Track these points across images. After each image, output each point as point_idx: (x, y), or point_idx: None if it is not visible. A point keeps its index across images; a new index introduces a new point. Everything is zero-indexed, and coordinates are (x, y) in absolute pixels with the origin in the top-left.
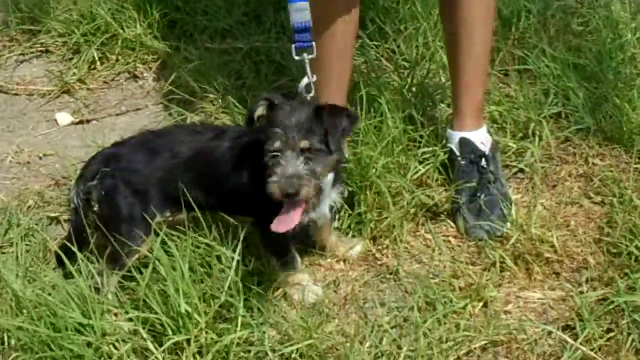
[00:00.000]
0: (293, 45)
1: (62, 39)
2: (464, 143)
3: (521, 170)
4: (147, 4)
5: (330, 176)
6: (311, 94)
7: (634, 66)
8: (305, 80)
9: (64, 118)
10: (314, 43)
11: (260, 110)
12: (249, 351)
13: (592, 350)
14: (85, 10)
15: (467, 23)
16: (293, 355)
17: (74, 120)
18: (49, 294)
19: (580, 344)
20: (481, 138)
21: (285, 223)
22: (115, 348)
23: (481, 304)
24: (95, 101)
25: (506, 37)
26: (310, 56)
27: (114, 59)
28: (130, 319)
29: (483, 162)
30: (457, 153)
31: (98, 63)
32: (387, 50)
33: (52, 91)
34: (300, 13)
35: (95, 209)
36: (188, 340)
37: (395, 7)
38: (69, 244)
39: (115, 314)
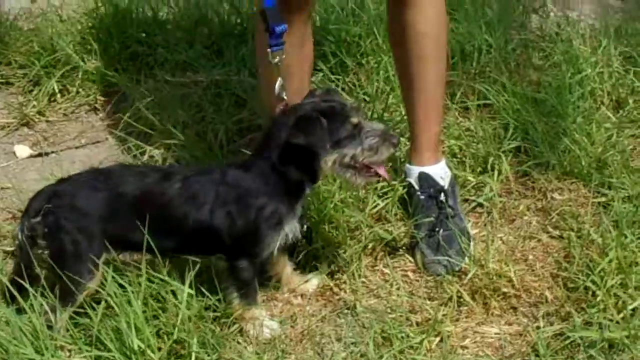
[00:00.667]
0: (269, 50)
1: (23, 70)
2: (423, 177)
3: (480, 205)
4: (109, 37)
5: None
6: (284, 94)
7: (593, 100)
8: (280, 80)
9: (22, 150)
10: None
11: None
12: None
13: None
14: (46, 43)
15: (419, 60)
16: None
17: (32, 152)
18: (1, 330)
19: None
20: (440, 172)
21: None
22: None
23: (438, 339)
24: (55, 134)
25: (467, 71)
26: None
27: (75, 91)
28: (84, 356)
29: (442, 197)
30: (416, 187)
31: (58, 95)
32: (348, 84)
33: (11, 123)
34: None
35: (41, 245)
36: None
37: (357, 41)
38: (18, 278)
39: (69, 351)
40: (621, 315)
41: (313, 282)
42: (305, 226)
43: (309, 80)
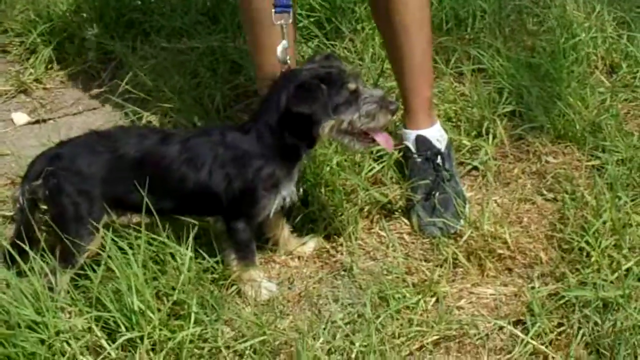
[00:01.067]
0: (273, 11)
1: (19, 38)
2: (420, 141)
3: (475, 168)
4: (105, 5)
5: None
6: (288, 58)
7: (587, 65)
8: (284, 44)
9: (20, 118)
10: (291, 9)
11: None
12: (203, 348)
13: (542, 344)
14: (42, 10)
15: (404, 28)
16: (247, 352)
17: (30, 119)
18: (2, 293)
19: (531, 338)
20: (436, 135)
21: (389, 142)
22: (69, 345)
23: (434, 299)
24: (52, 101)
25: (461, 36)
26: (290, 21)
27: (71, 59)
28: (84, 317)
29: (439, 160)
30: (414, 150)
31: (55, 63)
32: (344, 50)
33: (8, 91)
34: None
35: (41, 208)
36: (141, 338)
37: (352, 7)
38: (18, 242)
39: (69, 312)
40: (615, 275)
41: (310, 244)
42: (301, 190)
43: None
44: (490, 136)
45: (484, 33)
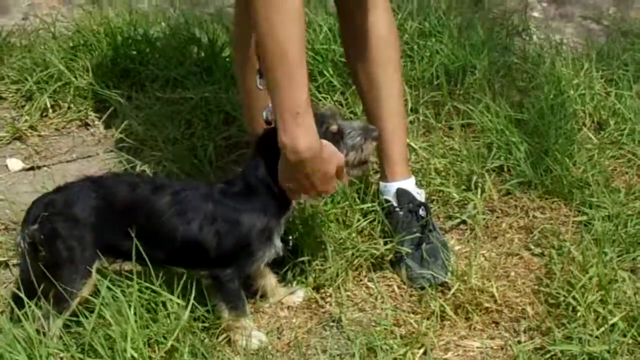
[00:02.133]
0: (257, 77)
1: (16, 86)
2: (401, 193)
3: (463, 222)
4: (100, 53)
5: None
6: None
7: (575, 121)
8: (269, 107)
9: (15, 164)
10: None
11: None
12: None
13: None
14: (39, 59)
15: (384, 68)
16: None
17: (24, 166)
18: None
19: None
20: (415, 187)
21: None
22: None
23: (421, 351)
24: (47, 148)
25: (452, 91)
26: None
27: (66, 106)
28: None
29: (421, 212)
30: (395, 204)
31: (50, 110)
32: (335, 103)
33: (3, 137)
34: None
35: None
36: None
37: (344, 61)
38: (17, 290)
39: (61, 358)
40: (601, 330)
41: (299, 294)
42: (291, 241)
43: None
44: (479, 190)
45: (473, 88)
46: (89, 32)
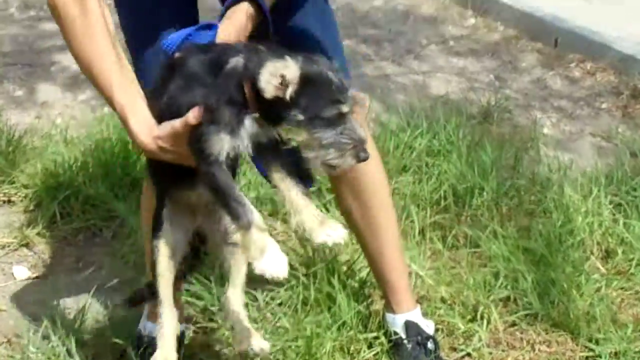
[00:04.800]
0: None
1: (25, 190)
2: (409, 326)
3: (468, 354)
4: (111, 162)
5: None
6: None
7: (582, 250)
8: None
9: (21, 272)
10: None
11: None
12: None
13: None
14: (50, 164)
15: (380, 210)
16: None
17: (31, 274)
18: None
19: None
20: (422, 319)
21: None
22: None
23: None
24: (54, 256)
25: (458, 213)
26: None
27: (75, 214)
28: None
29: (430, 345)
30: (404, 337)
31: (59, 217)
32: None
33: (11, 243)
34: None
35: None
36: None
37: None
38: None
39: None
40: None
41: None
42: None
43: None
44: (485, 321)
45: (481, 211)
46: (100, 139)
